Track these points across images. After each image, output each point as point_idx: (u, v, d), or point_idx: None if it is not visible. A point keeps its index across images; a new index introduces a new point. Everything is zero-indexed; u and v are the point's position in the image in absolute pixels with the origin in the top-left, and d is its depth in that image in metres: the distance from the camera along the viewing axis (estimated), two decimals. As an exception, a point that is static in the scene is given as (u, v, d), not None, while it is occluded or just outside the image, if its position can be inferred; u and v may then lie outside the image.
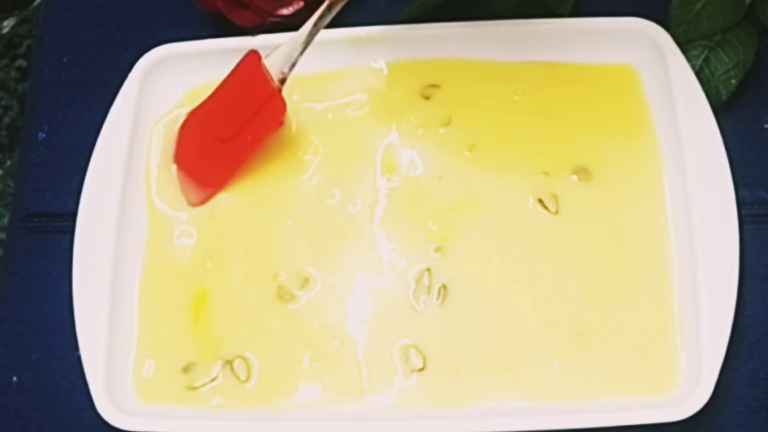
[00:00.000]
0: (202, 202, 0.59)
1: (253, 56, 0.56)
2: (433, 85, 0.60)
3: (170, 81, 0.61)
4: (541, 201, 0.57)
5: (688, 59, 0.57)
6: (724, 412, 0.54)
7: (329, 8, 0.54)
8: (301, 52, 0.55)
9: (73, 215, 0.57)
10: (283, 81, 0.56)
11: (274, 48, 0.56)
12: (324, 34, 0.60)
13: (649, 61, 0.58)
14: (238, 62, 0.57)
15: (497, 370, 0.54)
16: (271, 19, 0.60)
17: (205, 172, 0.59)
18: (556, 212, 0.57)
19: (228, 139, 0.58)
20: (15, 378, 0.58)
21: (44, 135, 0.63)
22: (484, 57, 0.59)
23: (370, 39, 0.60)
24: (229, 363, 0.55)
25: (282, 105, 0.57)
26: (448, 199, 0.58)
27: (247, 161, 0.59)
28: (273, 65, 0.56)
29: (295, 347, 0.55)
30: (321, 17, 0.55)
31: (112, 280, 0.56)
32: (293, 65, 0.56)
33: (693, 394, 0.50)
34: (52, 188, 0.62)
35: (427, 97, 0.60)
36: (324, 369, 0.54)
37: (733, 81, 0.58)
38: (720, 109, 0.57)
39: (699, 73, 0.57)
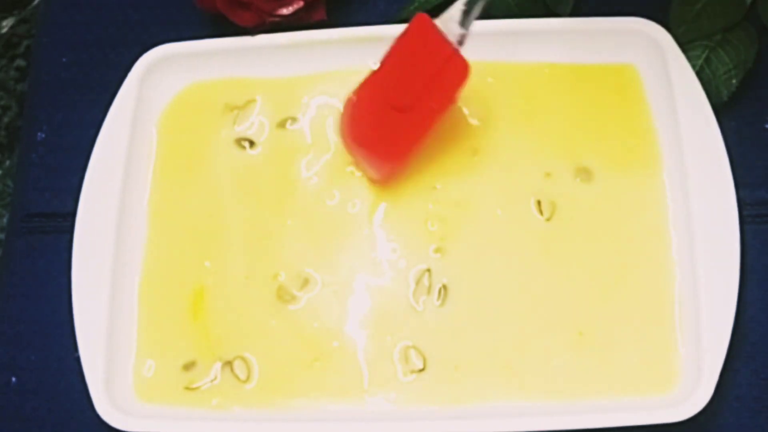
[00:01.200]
0: (389, 176, 0.58)
1: (422, 19, 0.54)
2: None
3: (170, 81, 0.61)
4: (541, 201, 0.57)
5: (689, 59, 0.57)
6: (724, 413, 0.54)
7: None
8: (479, 7, 0.53)
9: (72, 215, 0.57)
10: (461, 42, 0.54)
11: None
12: (324, 34, 0.60)
13: (650, 61, 0.58)
14: (406, 28, 0.55)
15: (497, 370, 0.54)
16: (271, 19, 0.60)
17: (388, 145, 0.57)
18: (557, 212, 0.56)
19: (407, 108, 0.55)
20: (14, 378, 0.58)
21: (43, 135, 0.63)
22: (484, 57, 0.59)
23: (370, 39, 0.59)
24: (228, 363, 0.55)
25: (464, 66, 0.54)
26: (448, 199, 0.58)
27: (433, 129, 0.56)
28: (446, 26, 0.54)
29: (295, 348, 0.55)
30: None
31: (112, 280, 0.56)
32: (470, 22, 0.53)
33: (693, 394, 0.50)
34: (52, 188, 0.62)
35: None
36: (324, 369, 0.54)
37: (733, 81, 0.58)
38: (721, 109, 0.57)
39: (700, 73, 0.57)
